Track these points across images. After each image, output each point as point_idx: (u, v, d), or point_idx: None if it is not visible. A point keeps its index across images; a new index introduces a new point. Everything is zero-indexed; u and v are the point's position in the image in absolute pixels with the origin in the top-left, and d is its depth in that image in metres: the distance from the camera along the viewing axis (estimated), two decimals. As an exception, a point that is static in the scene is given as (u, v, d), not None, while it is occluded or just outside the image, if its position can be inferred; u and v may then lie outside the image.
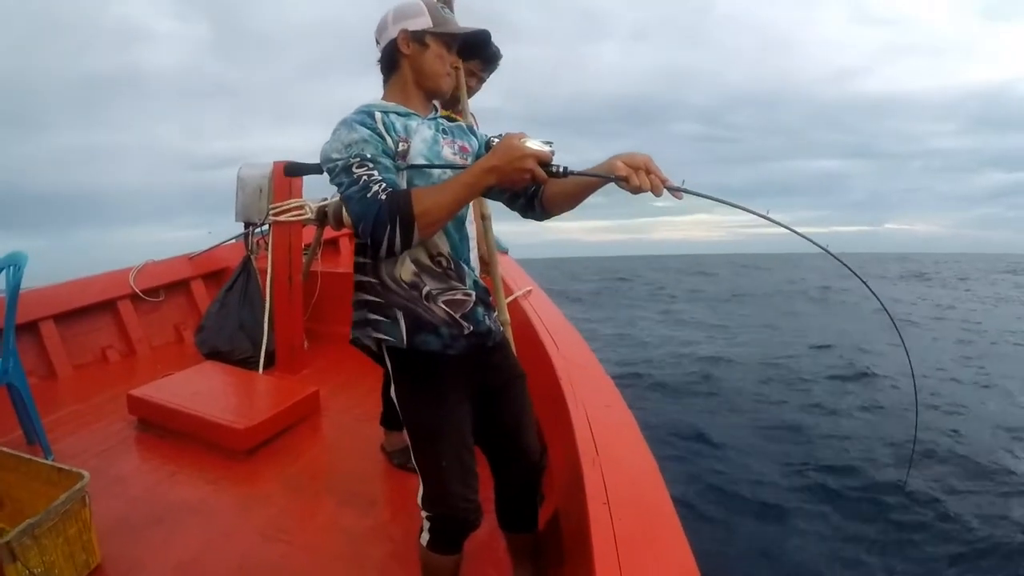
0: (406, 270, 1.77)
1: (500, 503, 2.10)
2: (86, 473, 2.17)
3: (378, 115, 1.75)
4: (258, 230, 4.84)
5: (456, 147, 1.90)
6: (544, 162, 1.57)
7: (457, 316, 1.81)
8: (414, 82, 1.88)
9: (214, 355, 4.43)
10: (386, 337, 1.79)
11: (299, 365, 4.39)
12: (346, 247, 6.90)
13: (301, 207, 4.23)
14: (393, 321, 1.79)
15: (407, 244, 1.59)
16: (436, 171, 1.78)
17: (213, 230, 5.69)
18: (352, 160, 1.64)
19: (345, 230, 4.58)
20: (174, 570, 2.22)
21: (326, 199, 3.79)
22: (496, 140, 1.89)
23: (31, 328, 4.21)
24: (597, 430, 2.15)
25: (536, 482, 2.03)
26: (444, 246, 1.80)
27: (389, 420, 3.06)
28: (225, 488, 2.84)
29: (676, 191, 1.51)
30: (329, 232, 5.08)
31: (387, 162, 1.68)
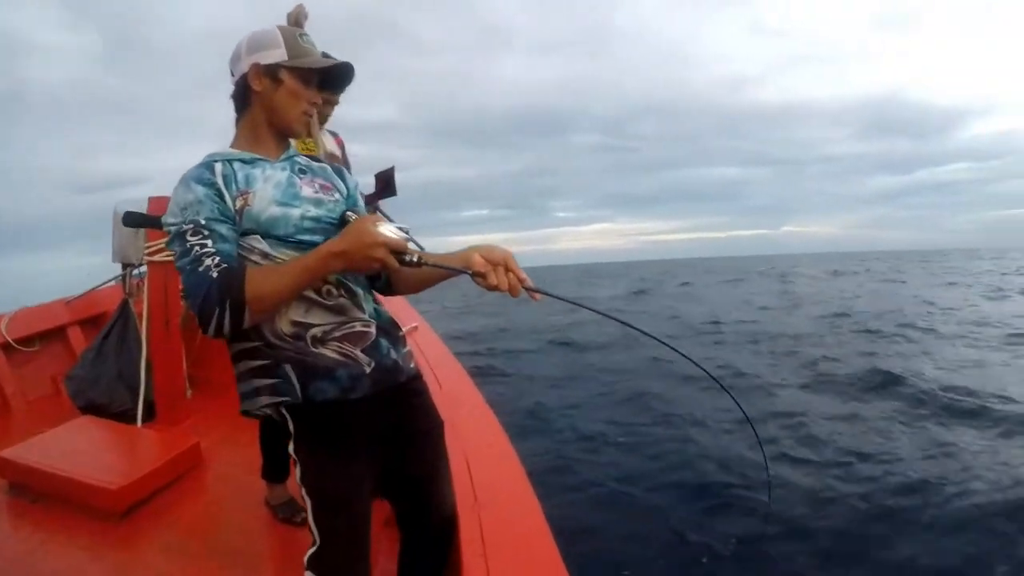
0: (285, 321, 1.63)
1: (403, 561, 1.98)
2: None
3: (218, 167, 1.64)
4: (136, 271, 4.65)
5: (317, 185, 1.79)
6: (398, 251, 1.52)
7: (356, 351, 1.68)
8: (266, 121, 1.75)
9: (91, 408, 4.17)
10: (280, 398, 1.65)
11: (181, 416, 4.17)
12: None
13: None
14: (284, 378, 1.64)
15: (237, 327, 1.53)
16: (295, 215, 1.68)
17: (92, 271, 5.45)
18: (186, 227, 1.54)
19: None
20: None
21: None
22: (356, 212, 1.83)
23: None
24: (477, 472, 2.09)
25: (447, 540, 1.89)
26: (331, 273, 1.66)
27: (271, 472, 2.94)
28: (100, 554, 2.67)
29: (534, 292, 1.52)
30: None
31: (223, 229, 1.57)
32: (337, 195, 1.84)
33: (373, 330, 1.74)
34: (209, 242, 1.52)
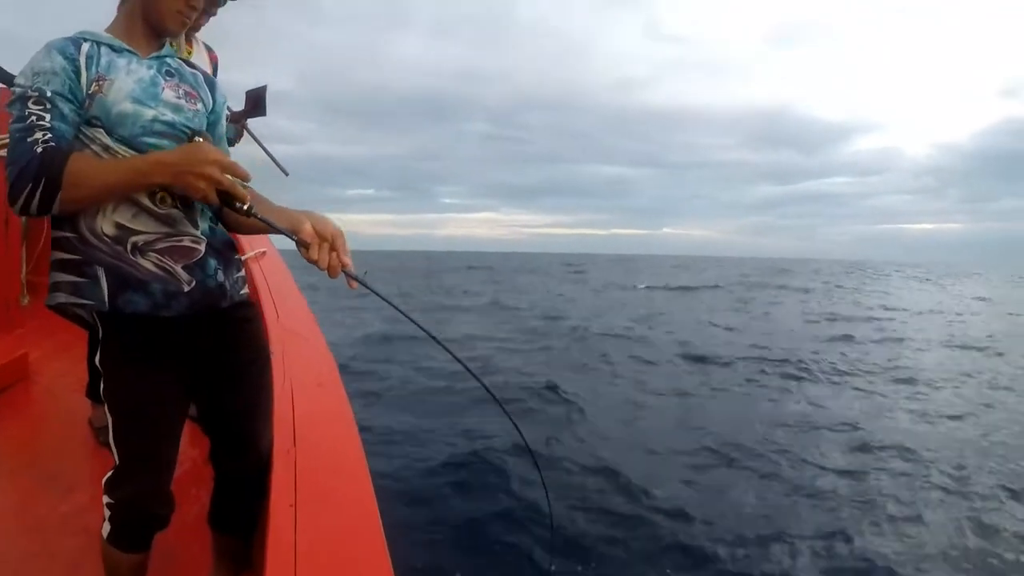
0: (108, 222, 1.54)
1: (215, 499, 1.92)
2: None
3: (85, 46, 1.56)
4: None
5: (182, 91, 1.68)
6: (230, 193, 1.50)
7: (176, 267, 1.59)
8: (141, 14, 1.65)
9: None
10: (85, 301, 1.55)
11: (14, 323, 3.93)
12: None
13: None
14: (93, 280, 1.55)
15: (45, 209, 1.45)
16: (146, 115, 1.58)
17: None
18: (31, 93, 1.46)
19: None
20: None
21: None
22: (212, 134, 1.74)
23: None
24: (300, 414, 1.93)
25: (261, 482, 1.79)
26: None
27: (96, 391, 2.76)
28: None
29: (352, 279, 1.52)
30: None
31: (66, 108, 1.49)
32: (200, 106, 1.73)
33: (202, 247, 1.65)
34: (48, 116, 1.46)
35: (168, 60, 1.71)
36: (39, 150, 1.42)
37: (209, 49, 3.27)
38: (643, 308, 20.51)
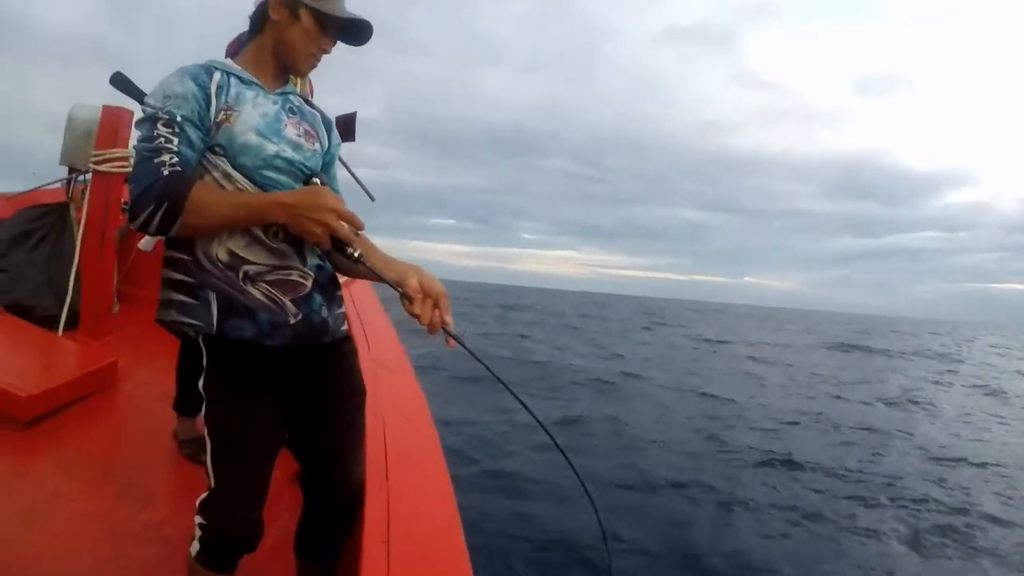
0: (223, 248, 1.59)
1: (303, 527, 1.92)
2: None
3: (216, 75, 1.63)
4: (82, 178, 4.48)
5: (302, 129, 1.76)
6: (342, 239, 1.54)
7: (285, 300, 1.63)
8: (272, 51, 1.73)
9: (14, 309, 3.98)
10: (193, 322, 1.59)
11: (104, 330, 4.04)
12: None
13: (126, 158, 3.90)
14: (204, 303, 1.59)
15: (164, 231, 1.52)
16: (269, 150, 1.64)
17: (37, 171, 5.23)
18: (162, 115, 1.52)
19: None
20: None
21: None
22: (327, 175, 1.82)
23: None
24: (392, 449, 1.93)
25: (350, 517, 1.82)
26: None
27: (183, 404, 2.85)
28: None
29: (452, 337, 1.54)
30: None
31: (194, 135, 1.55)
32: (317, 145, 1.80)
33: (309, 283, 1.69)
34: (176, 140, 1.51)
35: (291, 97, 1.79)
36: (166, 173, 1.47)
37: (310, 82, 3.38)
38: (717, 378, 17.89)
